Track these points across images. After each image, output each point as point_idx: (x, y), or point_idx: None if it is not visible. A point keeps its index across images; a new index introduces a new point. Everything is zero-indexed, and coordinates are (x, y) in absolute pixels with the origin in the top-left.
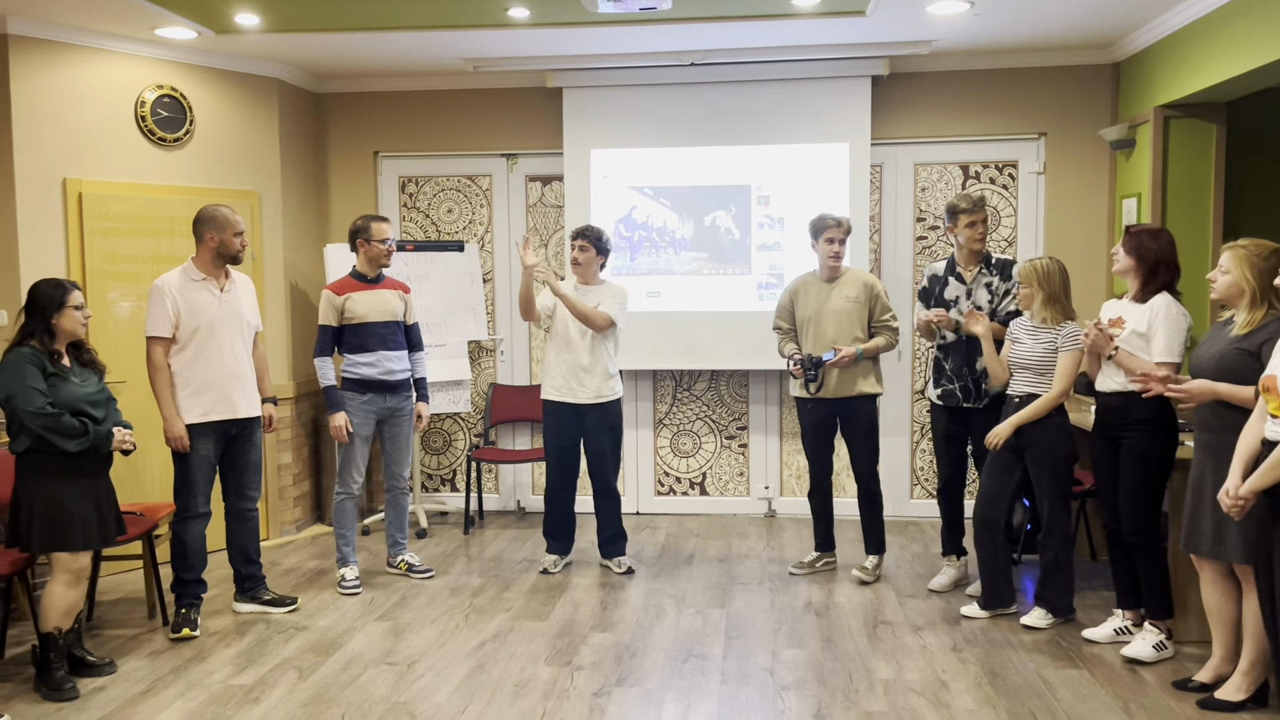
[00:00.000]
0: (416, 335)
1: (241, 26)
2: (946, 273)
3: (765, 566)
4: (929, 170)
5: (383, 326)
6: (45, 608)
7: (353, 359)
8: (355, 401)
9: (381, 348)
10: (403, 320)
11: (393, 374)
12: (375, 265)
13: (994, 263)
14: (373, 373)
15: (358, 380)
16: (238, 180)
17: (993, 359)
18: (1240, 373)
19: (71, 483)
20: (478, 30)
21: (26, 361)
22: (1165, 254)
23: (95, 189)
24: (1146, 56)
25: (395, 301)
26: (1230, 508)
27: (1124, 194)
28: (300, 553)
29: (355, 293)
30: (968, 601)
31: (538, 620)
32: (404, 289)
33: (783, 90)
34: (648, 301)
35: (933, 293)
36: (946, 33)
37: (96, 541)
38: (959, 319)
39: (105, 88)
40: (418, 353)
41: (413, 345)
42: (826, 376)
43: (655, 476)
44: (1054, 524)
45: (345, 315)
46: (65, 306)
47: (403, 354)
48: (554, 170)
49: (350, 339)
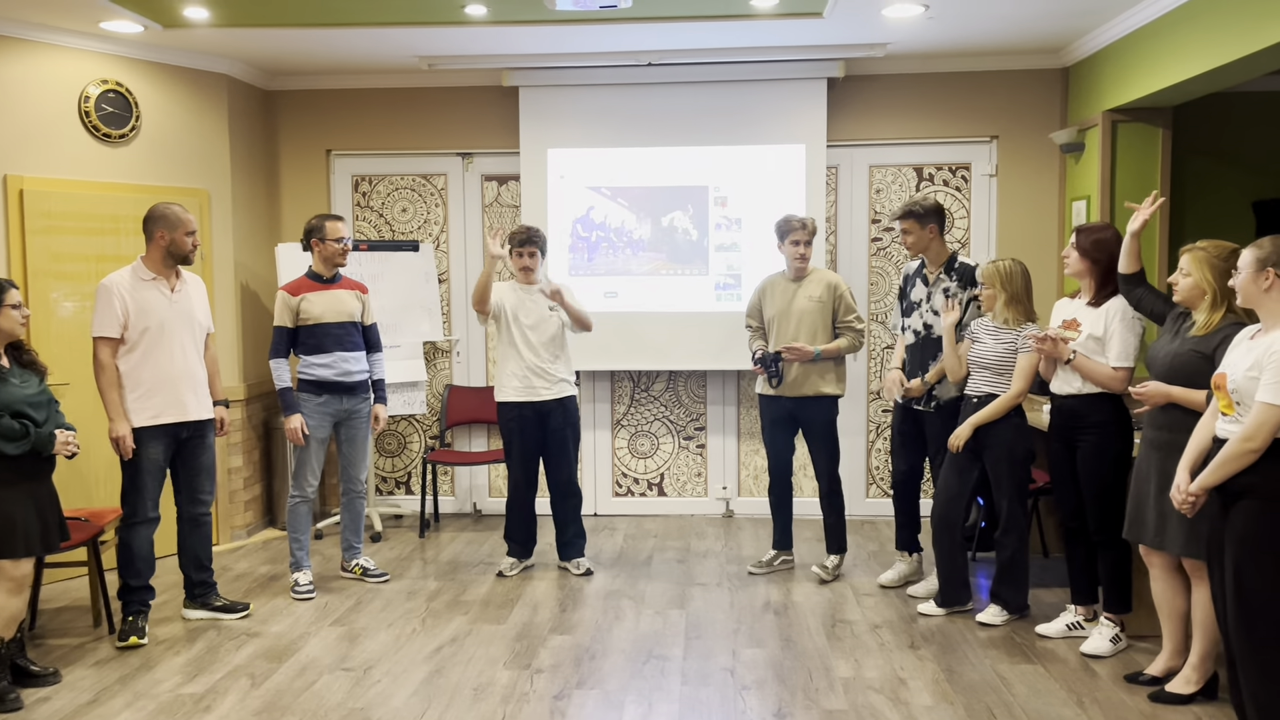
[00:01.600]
0: (375, 336)
1: (190, 21)
2: (916, 273)
3: (724, 566)
4: (884, 172)
5: (339, 327)
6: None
7: (308, 360)
8: (311, 403)
9: (338, 349)
10: (360, 321)
11: (349, 375)
12: (331, 265)
13: (955, 267)
14: (329, 374)
15: (313, 382)
16: (186, 178)
17: (951, 354)
18: (1192, 374)
19: (12, 487)
20: (433, 27)
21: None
22: (1115, 251)
23: (37, 186)
24: (1095, 61)
25: (352, 302)
26: (1181, 504)
27: (1074, 196)
28: (252, 558)
29: (311, 293)
30: (919, 600)
31: (496, 624)
32: (361, 289)
33: (740, 91)
34: (605, 302)
35: (904, 291)
36: (901, 36)
37: (39, 548)
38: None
39: (48, 82)
40: (376, 354)
41: (370, 346)
42: (786, 371)
43: (613, 478)
44: (1011, 522)
45: (301, 316)
46: (2, 306)
47: (360, 355)
48: (510, 170)
49: (306, 340)
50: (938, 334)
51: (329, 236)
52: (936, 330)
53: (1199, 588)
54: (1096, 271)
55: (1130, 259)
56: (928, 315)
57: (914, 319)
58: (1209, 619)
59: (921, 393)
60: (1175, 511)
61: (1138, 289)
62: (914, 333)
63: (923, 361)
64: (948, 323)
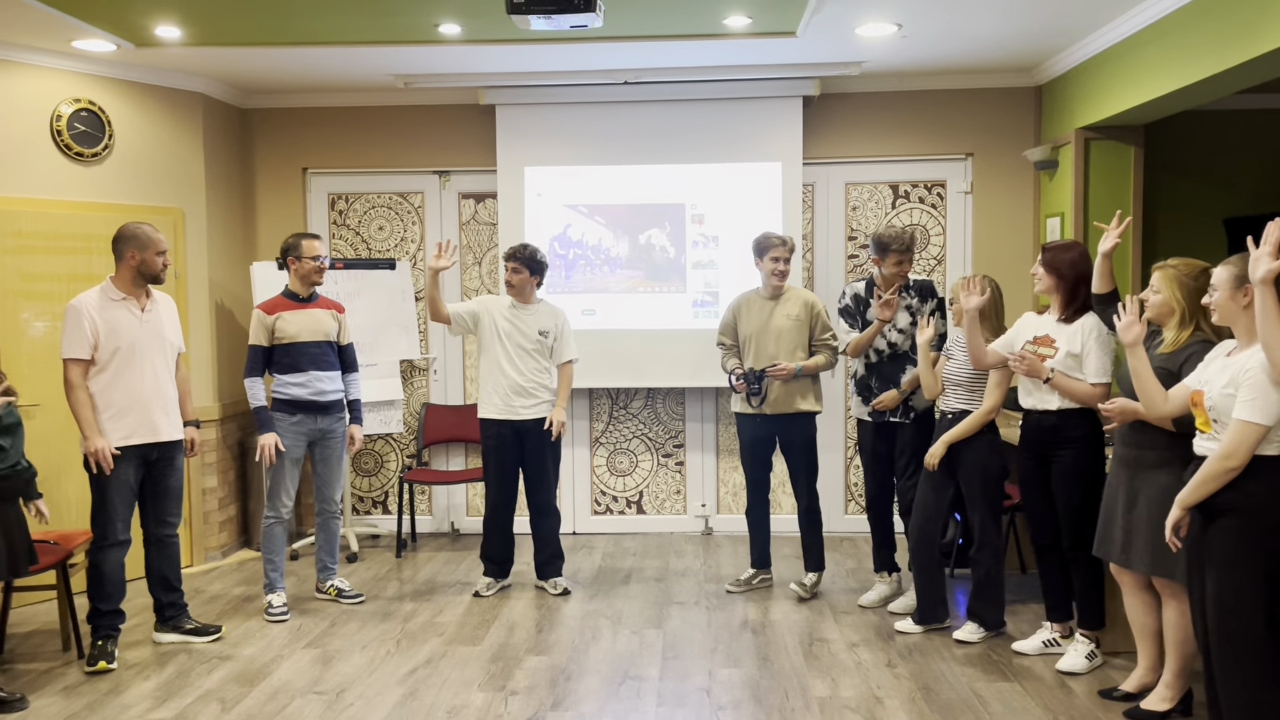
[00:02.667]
0: (351, 356)
1: (163, 39)
2: (867, 293)
3: (702, 585)
4: (860, 189)
5: (315, 346)
6: None
7: (283, 379)
8: (285, 422)
9: (313, 368)
10: (336, 340)
11: (324, 394)
12: (307, 284)
13: (912, 285)
14: (303, 393)
15: (288, 401)
16: (160, 197)
17: (926, 371)
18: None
19: None
20: (408, 46)
21: None
22: (1082, 268)
23: (8, 205)
24: (1067, 80)
25: (328, 321)
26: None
27: (1048, 213)
28: (226, 579)
29: (286, 312)
30: (897, 618)
31: (471, 645)
32: (338, 309)
33: (716, 110)
34: (583, 319)
35: (856, 312)
36: (876, 54)
37: (6, 572)
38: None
39: (19, 101)
40: (351, 374)
41: (346, 366)
42: (768, 391)
43: (592, 495)
44: (985, 539)
45: (276, 335)
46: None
47: (335, 375)
48: (487, 188)
49: (281, 359)
50: (902, 351)
51: (305, 255)
52: (902, 348)
53: (1168, 605)
54: (1064, 287)
55: (1103, 279)
56: (891, 334)
57: (875, 340)
58: (1181, 636)
59: (896, 403)
60: (1142, 529)
61: (1111, 308)
62: (876, 352)
63: (892, 377)
64: (923, 340)
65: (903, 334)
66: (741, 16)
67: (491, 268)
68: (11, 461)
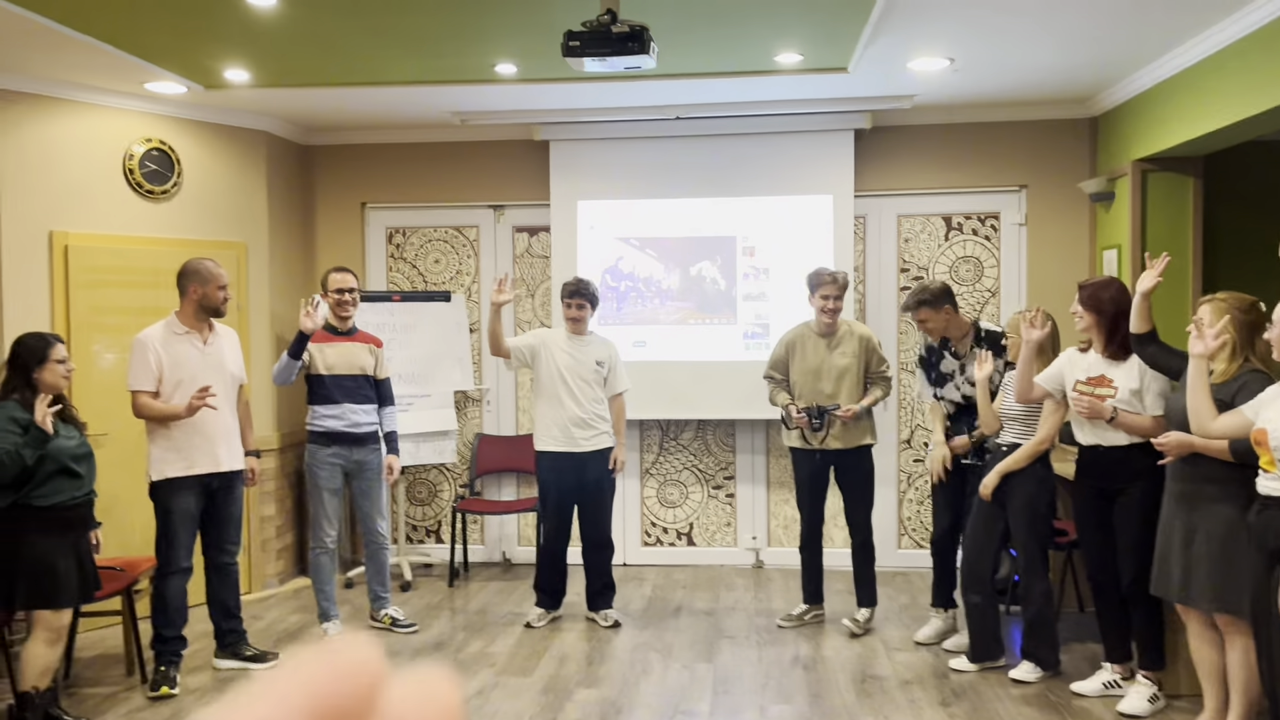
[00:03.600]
0: (387, 390)
1: (231, 82)
2: (941, 345)
3: (753, 619)
4: (912, 222)
5: (349, 380)
6: (24, 666)
7: (318, 410)
8: (321, 454)
9: (347, 400)
10: (372, 375)
11: (358, 426)
12: (336, 316)
13: (984, 336)
14: (338, 425)
15: (323, 433)
16: (225, 232)
17: (986, 408)
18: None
19: (58, 538)
20: (466, 85)
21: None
22: (1122, 303)
23: (82, 241)
24: (1123, 111)
25: (364, 356)
26: None
27: (1104, 245)
28: (282, 606)
29: (325, 344)
30: (952, 655)
31: (522, 676)
32: (376, 343)
33: (767, 143)
34: (634, 351)
35: (931, 362)
36: (928, 88)
37: (78, 598)
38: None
39: (94, 141)
40: (387, 408)
41: (382, 400)
42: (829, 427)
43: (642, 527)
44: (1032, 578)
45: (312, 364)
46: (47, 360)
47: (369, 408)
48: (541, 221)
49: (317, 390)
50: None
51: (329, 287)
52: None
53: (1233, 644)
54: (1104, 324)
55: (1141, 319)
56: (965, 387)
57: (949, 390)
58: (1246, 675)
59: (969, 447)
60: (1203, 564)
61: (1150, 347)
62: (952, 403)
63: (970, 423)
64: (981, 376)
65: (975, 386)
66: (793, 54)
67: (544, 300)
68: (86, 490)
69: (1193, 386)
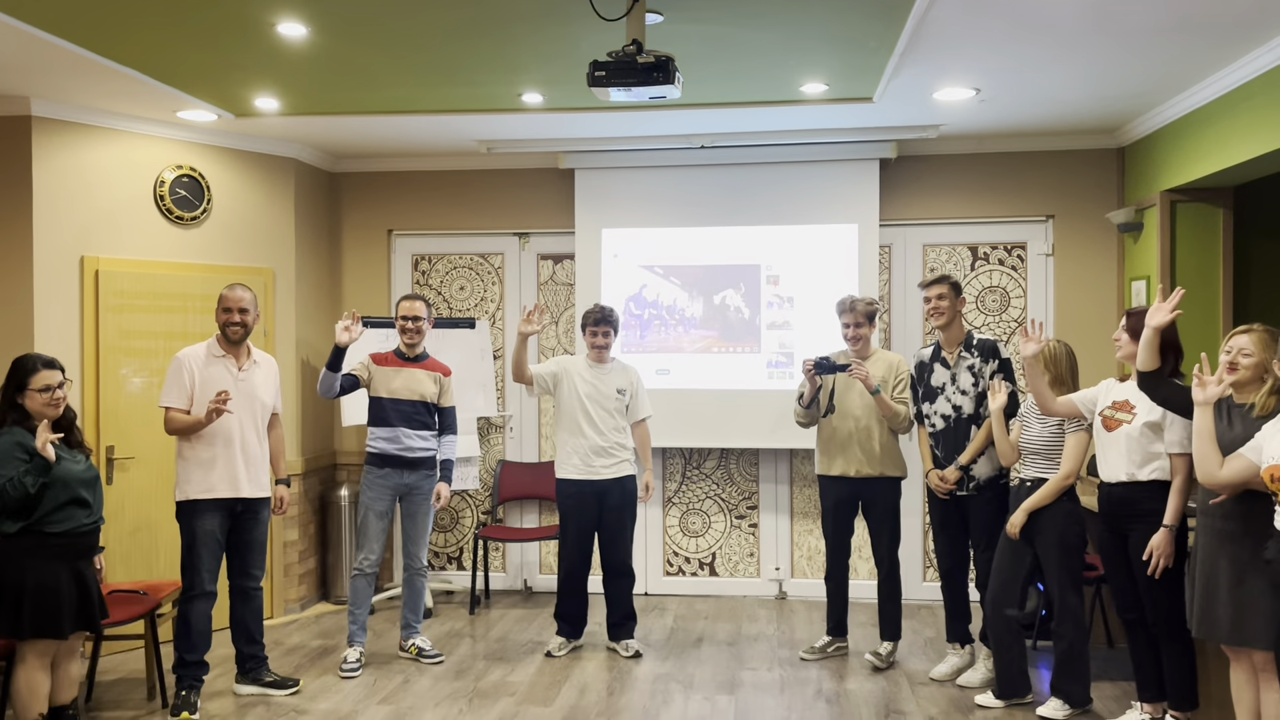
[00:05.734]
0: (449, 418)
1: (261, 110)
2: (932, 359)
3: (776, 651)
4: (938, 251)
5: (408, 405)
6: (23, 697)
7: (374, 432)
8: (372, 475)
9: (402, 425)
10: (434, 402)
11: (410, 450)
12: (403, 342)
13: (975, 344)
14: (390, 448)
15: (377, 455)
16: (252, 258)
17: (1002, 438)
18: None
19: (65, 565)
20: (492, 114)
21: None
22: (1169, 336)
23: (112, 266)
24: (1152, 142)
25: (427, 384)
26: None
27: (1133, 276)
28: (304, 631)
29: (388, 367)
30: (974, 691)
31: (542, 705)
32: (444, 371)
33: (792, 172)
34: (657, 379)
35: (922, 379)
36: (953, 118)
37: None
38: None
39: (125, 168)
40: (448, 436)
41: (444, 428)
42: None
43: (664, 556)
44: (1066, 612)
45: (374, 386)
46: (26, 388)
47: (426, 434)
48: (565, 249)
49: (375, 412)
50: (968, 414)
51: (397, 314)
52: (966, 410)
53: (1268, 683)
54: None
55: (1151, 355)
56: (956, 397)
57: (940, 404)
58: None
59: (958, 478)
60: (1257, 603)
61: (1162, 387)
62: (942, 417)
63: (957, 445)
64: (995, 407)
65: (966, 395)
66: (819, 84)
67: (568, 327)
68: (95, 517)
69: (1198, 435)
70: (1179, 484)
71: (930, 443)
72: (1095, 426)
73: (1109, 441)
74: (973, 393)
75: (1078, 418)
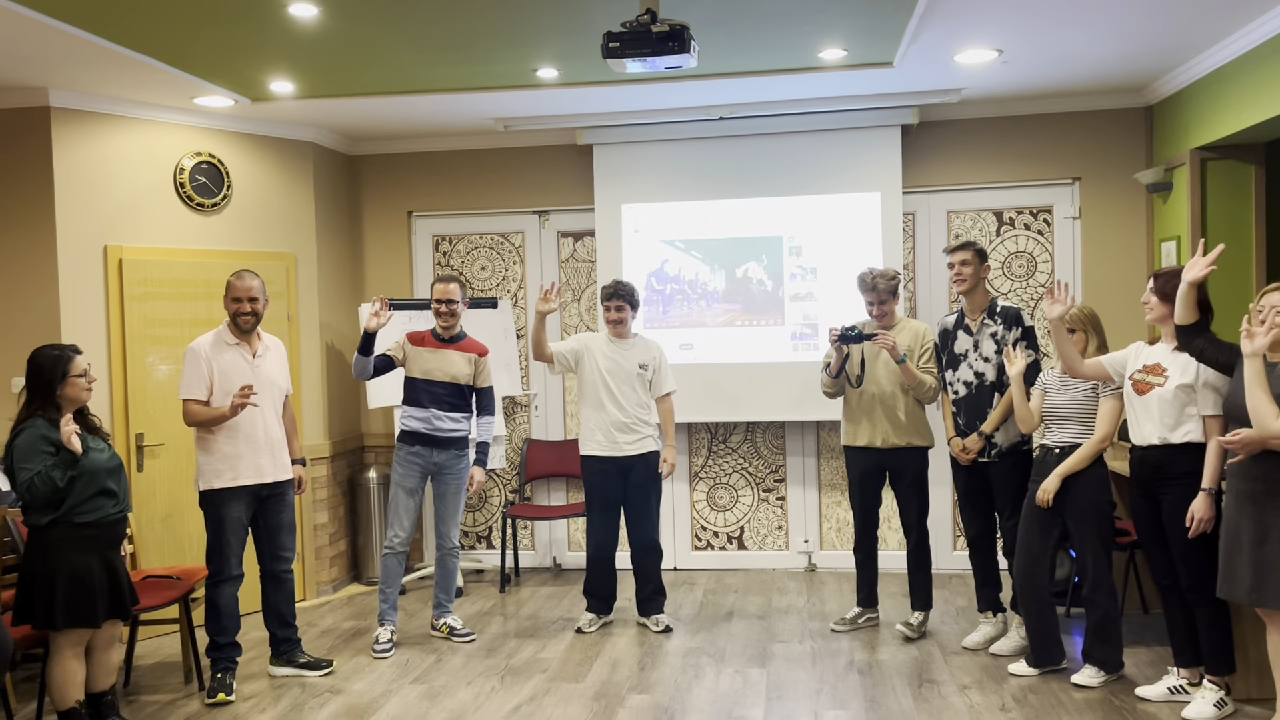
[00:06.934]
0: (486, 399)
1: (276, 94)
2: (956, 326)
3: (806, 623)
4: (962, 217)
5: (441, 386)
6: (59, 685)
7: (406, 410)
8: (402, 452)
9: (433, 405)
10: (469, 384)
11: (441, 431)
12: (438, 324)
13: (998, 311)
14: (421, 427)
15: (407, 432)
16: (274, 243)
17: (1022, 404)
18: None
19: (94, 555)
20: (508, 91)
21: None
22: (1201, 294)
23: (135, 255)
24: (1180, 99)
25: (461, 365)
26: None
27: (1162, 237)
28: (336, 613)
29: (424, 348)
30: (1007, 659)
31: (574, 681)
32: (481, 351)
33: (812, 141)
34: (681, 354)
35: (945, 347)
36: (976, 81)
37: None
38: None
39: (145, 156)
40: (485, 417)
41: (480, 409)
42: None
43: (692, 531)
44: (1099, 580)
45: (409, 366)
46: (68, 376)
47: (458, 415)
48: (585, 226)
49: (408, 392)
50: (990, 381)
51: (432, 297)
52: (989, 378)
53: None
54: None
55: (1187, 310)
56: (978, 364)
57: (962, 371)
58: None
59: (981, 446)
60: (1277, 564)
61: (1198, 340)
62: (964, 384)
63: (979, 412)
64: (1015, 373)
65: (988, 362)
66: (837, 49)
67: (590, 304)
68: (121, 506)
69: (1250, 387)
70: (1215, 447)
71: (953, 410)
72: (1126, 390)
73: (1140, 405)
74: (995, 360)
75: (1106, 380)
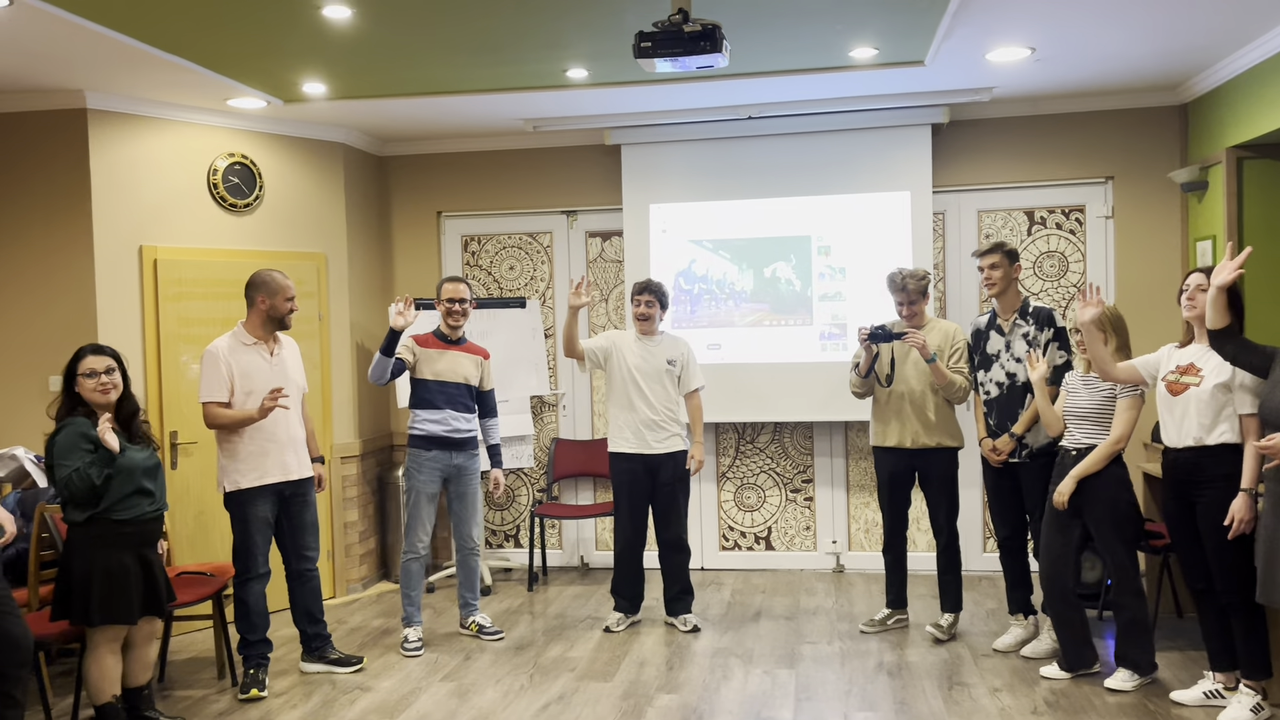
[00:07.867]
0: (490, 402)
1: (308, 95)
2: (988, 326)
3: (835, 624)
4: (993, 217)
5: (453, 387)
6: (95, 681)
7: (420, 414)
8: (421, 457)
9: (449, 407)
10: (476, 385)
11: (458, 432)
12: (446, 325)
13: (1030, 311)
14: (438, 430)
15: (424, 437)
16: (305, 243)
17: (1046, 407)
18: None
19: (130, 552)
20: (537, 91)
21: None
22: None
23: (169, 255)
24: (1216, 97)
25: (469, 366)
26: None
27: (1197, 237)
28: (366, 610)
29: (432, 349)
30: (1038, 662)
31: (602, 680)
32: (483, 354)
33: (841, 140)
34: (709, 354)
35: (977, 347)
36: (1007, 79)
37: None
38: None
39: (179, 157)
40: (490, 419)
41: (485, 411)
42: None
43: (720, 531)
44: (1124, 582)
45: (418, 369)
46: (75, 375)
47: (470, 416)
48: (613, 226)
49: (421, 394)
50: (1023, 381)
51: (440, 297)
52: (1020, 378)
53: None
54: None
55: (1218, 313)
56: (1010, 364)
57: (994, 371)
58: None
59: (1012, 447)
60: None
61: (1229, 344)
62: (996, 385)
63: (1011, 413)
64: (1037, 376)
65: (1020, 363)
66: (868, 48)
67: (618, 304)
68: (159, 504)
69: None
70: (1252, 447)
71: (984, 410)
72: (1159, 392)
73: (1175, 406)
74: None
75: (1139, 383)
